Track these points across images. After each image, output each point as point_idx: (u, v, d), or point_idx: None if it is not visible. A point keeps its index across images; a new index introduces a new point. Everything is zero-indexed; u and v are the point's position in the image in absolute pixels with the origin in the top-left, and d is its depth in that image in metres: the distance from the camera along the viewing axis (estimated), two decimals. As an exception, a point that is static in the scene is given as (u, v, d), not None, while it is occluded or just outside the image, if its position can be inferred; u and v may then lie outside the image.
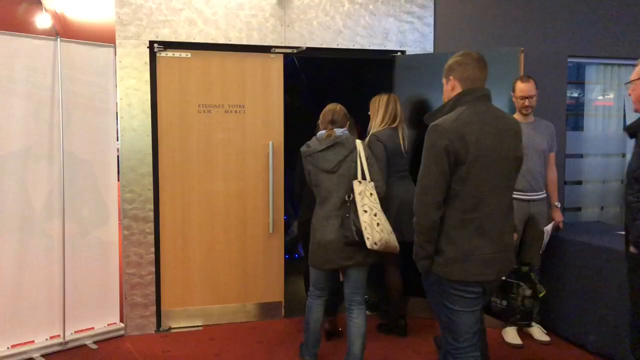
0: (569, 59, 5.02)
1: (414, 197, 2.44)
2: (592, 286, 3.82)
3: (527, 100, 3.96)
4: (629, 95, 2.64)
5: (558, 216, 4.20)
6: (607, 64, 5.33)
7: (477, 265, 2.37)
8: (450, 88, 2.54)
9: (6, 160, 3.73)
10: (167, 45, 4.22)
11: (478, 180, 2.35)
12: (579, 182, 5.40)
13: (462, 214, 2.37)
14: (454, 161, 2.32)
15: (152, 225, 4.26)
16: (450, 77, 2.54)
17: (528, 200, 4.01)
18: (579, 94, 5.65)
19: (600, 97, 5.51)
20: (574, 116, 5.63)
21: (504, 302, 3.61)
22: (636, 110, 2.64)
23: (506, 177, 2.45)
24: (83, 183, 4.07)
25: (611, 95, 5.49)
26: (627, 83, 2.64)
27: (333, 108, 3.48)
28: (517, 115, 4.02)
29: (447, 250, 2.39)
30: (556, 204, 4.20)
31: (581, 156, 5.41)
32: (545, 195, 4.12)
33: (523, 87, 3.97)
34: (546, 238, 4.09)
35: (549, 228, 4.10)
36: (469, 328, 2.45)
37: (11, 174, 3.76)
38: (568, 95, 5.25)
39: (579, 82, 5.57)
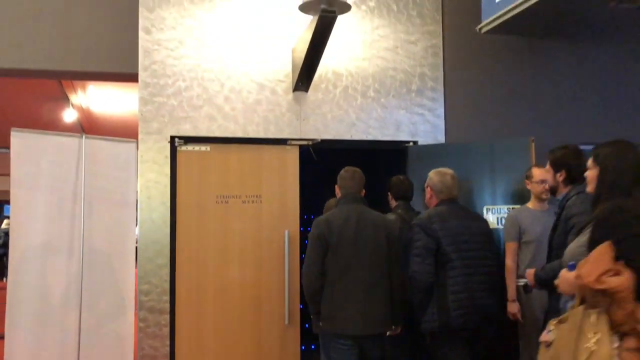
0: (581, 146, 5.07)
1: None
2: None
3: (547, 184, 3.95)
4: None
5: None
6: (619, 150, 5.38)
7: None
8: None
9: (27, 254, 3.80)
10: (188, 139, 4.38)
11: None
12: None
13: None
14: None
15: (167, 317, 4.24)
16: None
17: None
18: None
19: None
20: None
21: None
22: None
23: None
24: (101, 275, 4.11)
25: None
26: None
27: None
28: (532, 203, 4.00)
29: None
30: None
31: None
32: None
33: (542, 171, 3.95)
34: None
35: None
36: None
37: (30, 267, 3.82)
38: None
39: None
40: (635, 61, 5.26)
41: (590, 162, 2.57)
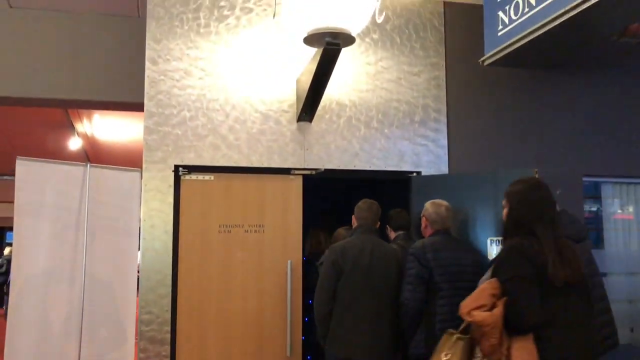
0: (584, 178, 5.08)
1: None
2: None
3: None
4: None
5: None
6: (623, 182, 5.39)
7: None
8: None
9: (28, 282, 3.79)
10: (192, 168, 4.40)
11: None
12: (605, 302, 5.25)
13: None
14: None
15: (168, 348, 4.19)
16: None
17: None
18: (597, 208, 5.65)
19: (619, 211, 5.50)
20: (594, 231, 5.59)
21: None
22: None
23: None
24: (102, 304, 4.09)
25: (630, 209, 5.48)
26: None
27: None
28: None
29: None
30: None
31: (604, 275, 5.30)
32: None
33: None
34: None
35: None
36: None
37: (31, 296, 3.81)
38: (586, 209, 5.27)
39: (596, 197, 5.59)
40: (639, 94, 5.30)
41: (504, 199, 2.69)
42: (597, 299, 2.89)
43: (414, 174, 4.75)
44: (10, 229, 4.45)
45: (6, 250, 9.70)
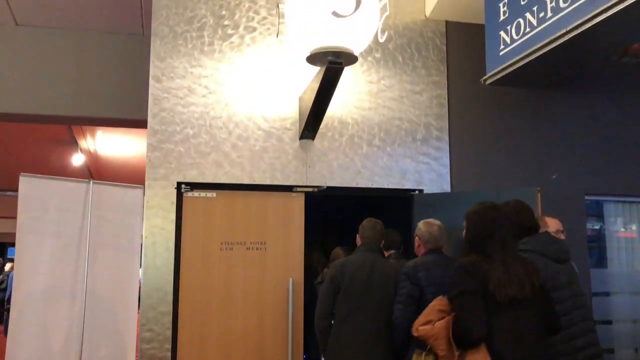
0: (586, 197, 5.08)
1: None
2: None
3: (562, 234, 3.93)
4: None
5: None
6: (625, 201, 5.38)
7: None
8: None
9: (29, 298, 3.78)
10: (194, 185, 4.41)
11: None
12: (609, 322, 5.21)
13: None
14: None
15: (169, 366, 4.17)
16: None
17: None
18: (600, 226, 5.63)
19: (622, 229, 5.49)
20: (597, 249, 5.57)
21: None
22: None
23: None
24: (103, 321, 4.07)
25: (634, 227, 5.46)
26: None
27: None
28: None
29: None
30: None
31: (607, 294, 5.28)
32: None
33: (557, 222, 3.93)
34: None
35: None
36: None
37: (32, 313, 3.80)
38: (589, 227, 5.25)
39: (599, 215, 5.57)
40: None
41: (464, 220, 2.88)
42: (577, 319, 2.96)
43: (416, 192, 4.75)
44: (12, 244, 4.45)
45: (7, 266, 9.68)
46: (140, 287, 4.25)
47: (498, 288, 2.52)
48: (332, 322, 3.67)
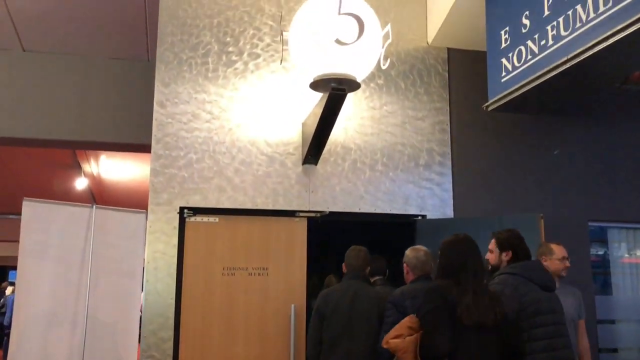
0: (590, 224, 5.06)
1: None
2: None
3: (567, 260, 3.90)
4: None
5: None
6: (630, 228, 5.35)
7: None
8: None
9: (30, 323, 3.76)
10: (197, 210, 4.41)
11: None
12: (614, 350, 5.14)
13: None
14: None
15: (169, 393, 4.12)
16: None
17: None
18: (604, 252, 5.59)
19: (627, 255, 5.45)
20: (602, 275, 5.51)
21: None
22: None
23: None
24: (103, 347, 4.04)
25: (638, 253, 5.42)
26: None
27: None
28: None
29: None
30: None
31: (613, 322, 5.21)
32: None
33: (562, 248, 3.92)
34: None
35: None
36: None
37: (33, 337, 3.77)
38: (593, 252, 5.22)
39: (603, 241, 5.53)
40: (643, 140, 5.32)
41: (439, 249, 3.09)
42: (560, 345, 3.05)
43: (419, 217, 4.74)
44: (13, 268, 4.44)
45: (8, 290, 9.63)
46: (141, 313, 4.22)
47: (466, 312, 2.77)
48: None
